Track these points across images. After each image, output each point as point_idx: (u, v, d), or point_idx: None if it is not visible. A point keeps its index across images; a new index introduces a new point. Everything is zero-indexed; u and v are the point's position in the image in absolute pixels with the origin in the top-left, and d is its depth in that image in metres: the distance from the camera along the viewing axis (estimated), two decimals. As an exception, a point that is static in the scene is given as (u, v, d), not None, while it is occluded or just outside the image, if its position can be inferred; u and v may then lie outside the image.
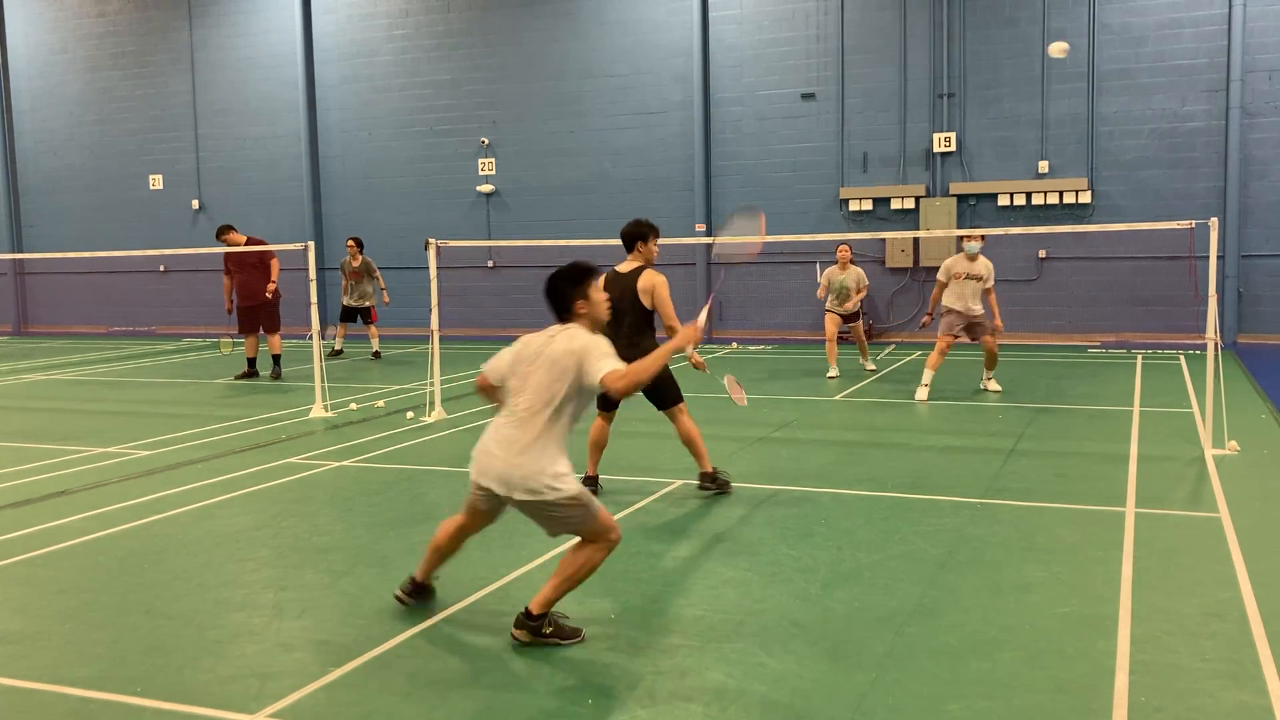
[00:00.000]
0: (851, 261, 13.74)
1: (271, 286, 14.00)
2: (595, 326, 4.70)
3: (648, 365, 4.47)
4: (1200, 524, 6.34)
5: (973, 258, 11.54)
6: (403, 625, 4.79)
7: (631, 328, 7.04)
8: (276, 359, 14.46)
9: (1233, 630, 4.57)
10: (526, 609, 4.51)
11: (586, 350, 4.46)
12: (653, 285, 7.04)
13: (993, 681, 4.09)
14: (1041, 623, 4.70)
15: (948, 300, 11.59)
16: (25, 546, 6.22)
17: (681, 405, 7.19)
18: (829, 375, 13.45)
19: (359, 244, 17.01)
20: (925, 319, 12.13)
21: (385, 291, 17.06)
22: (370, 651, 4.49)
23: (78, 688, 4.19)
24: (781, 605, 4.99)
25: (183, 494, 7.50)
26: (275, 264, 14.16)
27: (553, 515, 4.47)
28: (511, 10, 20.58)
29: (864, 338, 14.06)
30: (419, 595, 5.04)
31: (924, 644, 4.48)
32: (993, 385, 12.04)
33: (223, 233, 14.07)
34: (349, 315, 17.05)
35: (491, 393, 4.85)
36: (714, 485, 7.21)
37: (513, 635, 4.53)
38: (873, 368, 13.99)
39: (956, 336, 11.69)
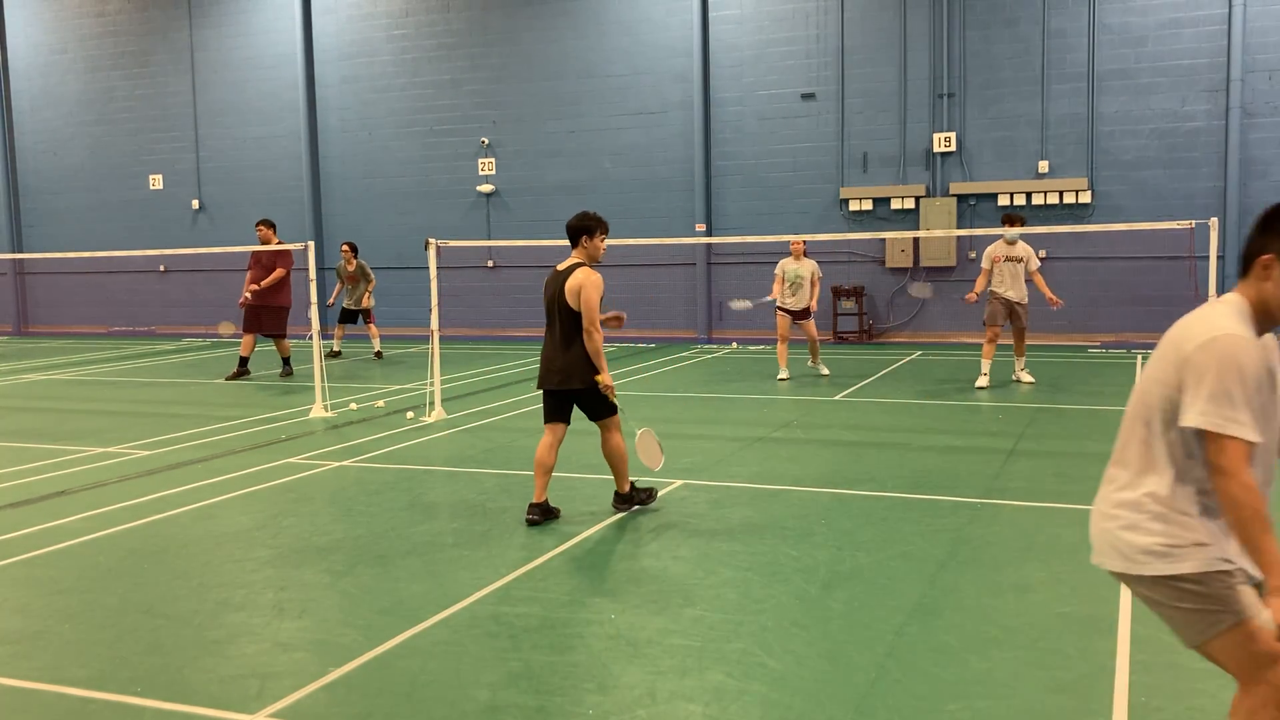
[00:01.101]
0: (805, 254, 13.31)
1: (254, 288, 14.01)
2: (1273, 314, 2.80)
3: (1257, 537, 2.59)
4: (1200, 524, 6.33)
5: (1011, 242, 12.27)
6: (403, 625, 4.79)
7: (563, 331, 6.54)
8: (286, 360, 14.57)
9: (1233, 630, 4.57)
10: None
11: (1191, 368, 2.68)
12: (579, 285, 6.49)
13: (993, 681, 4.09)
14: (1041, 623, 4.70)
15: (994, 286, 12.31)
16: (25, 546, 6.23)
17: (615, 419, 6.66)
18: (779, 378, 13.16)
19: (353, 249, 17.08)
20: (971, 296, 12.50)
21: (369, 295, 17.03)
22: (370, 651, 4.49)
23: (78, 688, 4.19)
24: (781, 605, 4.99)
25: (183, 494, 7.50)
26: (278, 273, 14.10)
27: (1156, 603, 2.82)
28: (511, 10, 20.58)
29: (816, 337, 13.47)
30: None
31: (924, 644, 4.48)
32: (1026, 377, 12.50)
33: (259, 226, 14.29)
34: (348, 317, 17.12)
35: None
36: (628, 505, 6.77)
37: None
38: (826, 371, 13.46)
39: (1001, 326, 12.37)
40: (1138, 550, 2.75)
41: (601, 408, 6.64)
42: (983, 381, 12.26)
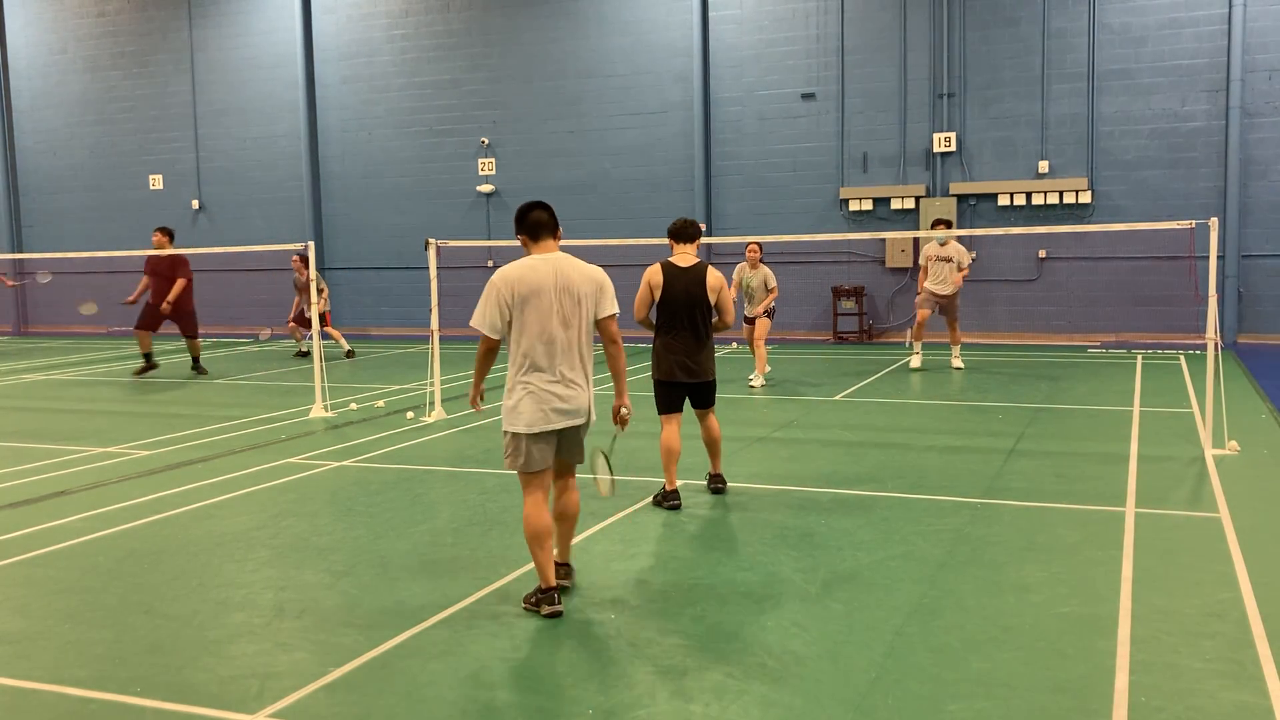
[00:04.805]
0: (761, 260, 12.68)
1: (166, 306, 14.40)
2: None
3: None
4: (1200, 524, 6.34)
5: (943, 244, 13.47)
6: (403, 625, 4.79)
7: (704, 326, 6.95)
8: (196, 360, 15.06)
9: (1233, 630, 4.57)
10: None
11: None
12: (721, 284, 7.03)
13: (993, 681, 4.09)
14: (1041, 623, 4.70)
15: (927, 283, 13.65)
16: (25, 546, 6.23)
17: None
18: (749, 383, 12.55)
19: (304, 260, 16.97)
20: (920, 293, 13.90)
21: (325, 299, 16.94)
22: (370, 651, 4.49)
23: (78, 688, 4.19)
24: (781, 605, 4.99)
25: (183, 494, 7.50)
26: (180, 284, 14.46)
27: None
28: (511, 10, 20.58)
29: (760, 345, 12.62)
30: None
31: (924, 644, 4.48)
32: (957, 363, 13.85)
33: (156, 232, 14.70)
34: (306, 323, 16.96)
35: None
36: (724, 485, 7.31)
37: None
38: (761, 382, 12.48)
39: (929, 313, 13.75)
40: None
41: (714, 395, 7.12)
42: (915, 362, 13.83)
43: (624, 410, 5.25)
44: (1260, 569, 5.37)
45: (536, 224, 5.15)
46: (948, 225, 13.52)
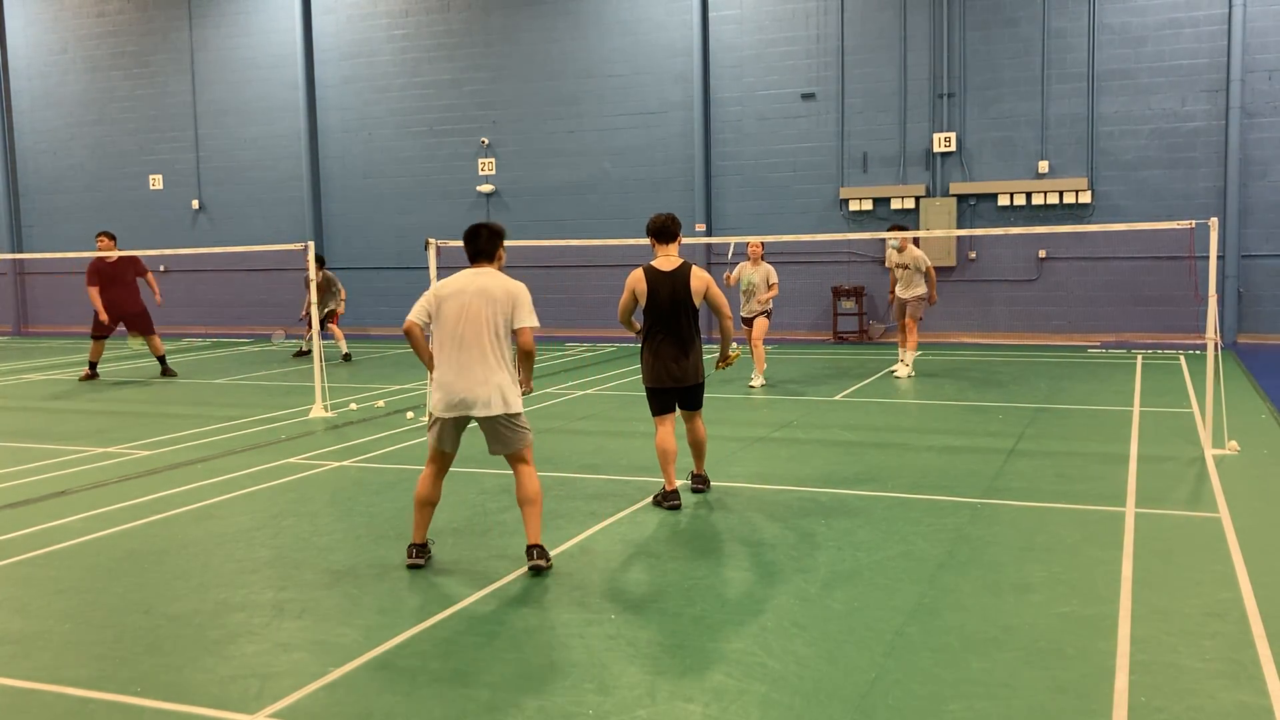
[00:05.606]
0: (763, 258, 12.73)
1: (159, 299, 14.99)
2: None
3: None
4: (1200, 524, 6.34)
5: (900, 250, 13.31)
6: (403, 625, 4.79)
7: (690, 329, 6.89)
8: (163, 359, 15.11)
9: (1233, 630, 4.57)
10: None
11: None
12: (707, 284, 6.89)
13: (993, 681, 4.09)
14: (1041, 623, 4.70)
15: (897, 289, 13.48)
16: (25, 546, 6.23)
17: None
18: (749, 384, 12.49)
19: (320, 261, 16.91)
20: (890, 300, 13.78)
21: (344, 303, 16.99)
22: (370, 651, 4.49)
23: (78, 688, 4.19)
24: (781, 605, 4.99)
25: (183, 494, 7.50)
26: (150, 275, 15.00)
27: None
28: (511, 10, 20.58)
29: (759, 346, 12.64)
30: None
31: (924, 644, 4.48)
32: (900, 370, 13.35)
33: (100, 237, 14.85)
34: (322, 323, 16.95)
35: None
36: (706, 485, 7.29)
37: None
38: (761, 382, 12.48)
39: (905, 319, 13.60)
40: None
41: (701, 398, 7.11)
42: (900, 370, 13.43)
43: (526, 389, 5.85)
44: (1260, 569, 5.38)
45: (475, 253, 5.86)
46: (901, 229, 13.19)
